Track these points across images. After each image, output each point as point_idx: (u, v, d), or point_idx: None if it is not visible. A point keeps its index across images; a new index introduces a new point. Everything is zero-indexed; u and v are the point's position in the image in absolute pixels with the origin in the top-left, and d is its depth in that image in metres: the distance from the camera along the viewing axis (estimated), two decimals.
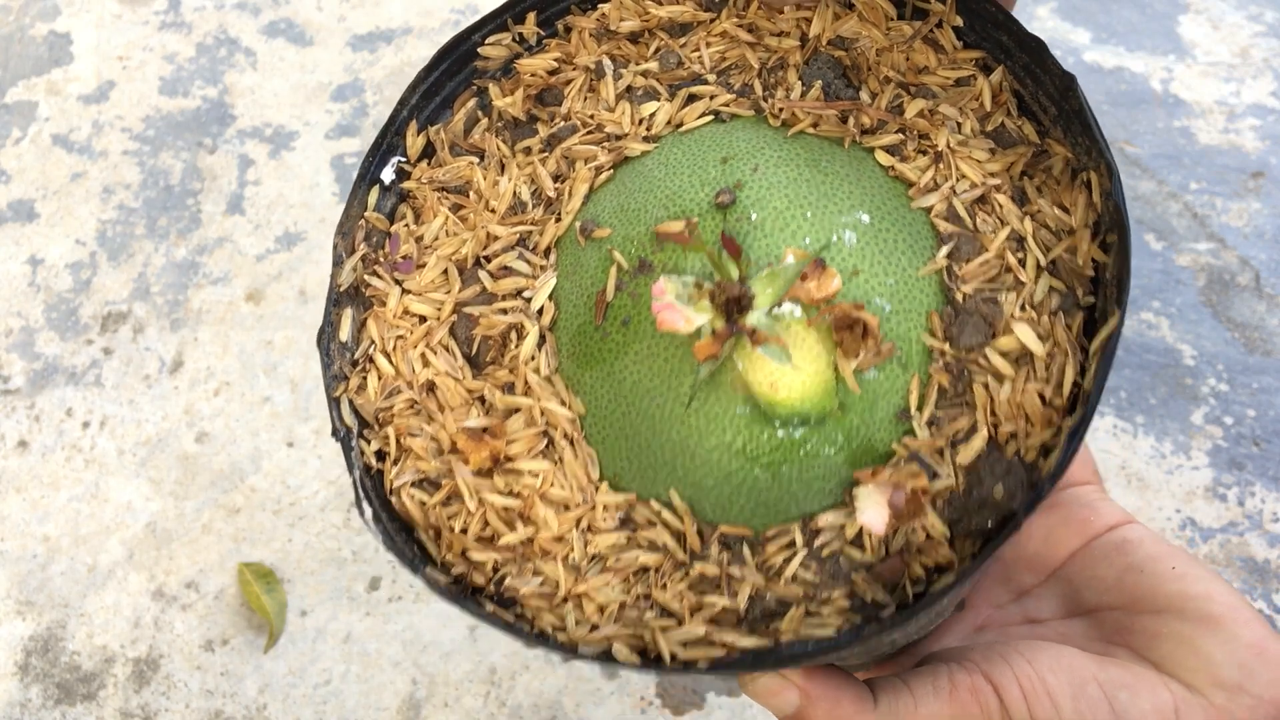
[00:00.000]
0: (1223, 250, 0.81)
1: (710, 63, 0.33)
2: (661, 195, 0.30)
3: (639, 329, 0.29)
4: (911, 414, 0.28)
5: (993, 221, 0.29)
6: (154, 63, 1.01)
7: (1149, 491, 0.70)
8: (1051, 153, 0.29)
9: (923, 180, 0.30)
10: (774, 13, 0.33)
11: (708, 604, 0.27)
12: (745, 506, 0.28)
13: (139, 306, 0.84)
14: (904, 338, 0.28)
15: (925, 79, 0.31)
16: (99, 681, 0.67)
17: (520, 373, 0.31)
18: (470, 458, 0.30)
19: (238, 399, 0.79)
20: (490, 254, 0.33)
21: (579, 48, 0.34)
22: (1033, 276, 0.28)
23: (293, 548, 0.72)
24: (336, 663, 0.67)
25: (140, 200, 0.91)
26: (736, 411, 0.28)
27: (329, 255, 0.86)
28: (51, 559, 0.72)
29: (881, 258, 0.28)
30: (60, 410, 0.79)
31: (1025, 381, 0.27)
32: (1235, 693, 0.30)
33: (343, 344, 0.32)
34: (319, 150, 0.93)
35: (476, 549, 0.29)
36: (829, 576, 0.27)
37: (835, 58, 0.32)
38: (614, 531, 0.29)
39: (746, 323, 0.26)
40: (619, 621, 0.28)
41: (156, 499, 0.74)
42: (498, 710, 0.65)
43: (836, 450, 0.28)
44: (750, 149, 0.30)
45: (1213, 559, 0.68)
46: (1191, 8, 0.98)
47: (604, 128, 0.33)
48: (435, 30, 1.01)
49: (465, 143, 0.34)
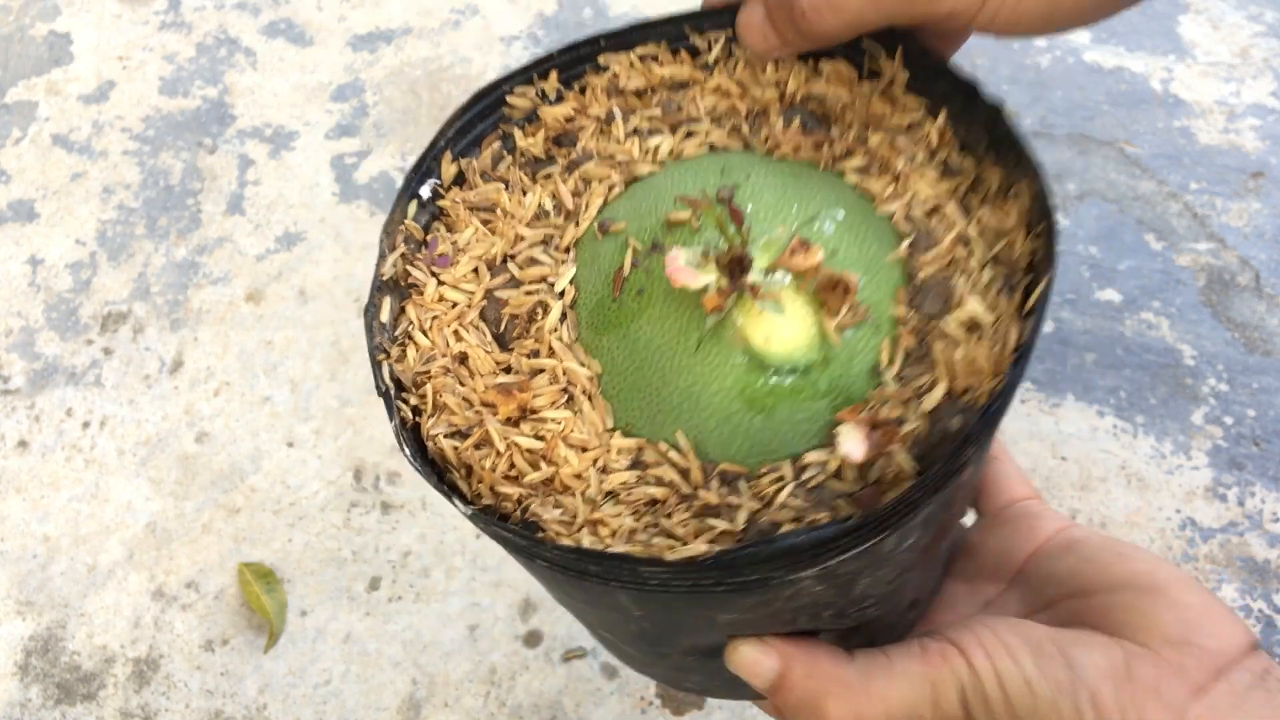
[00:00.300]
0: (1223, 250, 0.81)
1: (704, 111, 0.39)
2: (669, 195, 0.36)
3: (652, 296, 0.34)
4: (883, 370, 0.33)
5: (943, 225, 0.35)
6: (154, 63, 1.01)
7: (1149, 491, 0.70)
8: (986, 178, 0.36)
9: (886, 193, 0.36)
10: (758, 72, 0.39)
11: (708, 527, 0.31)
12: (742, 446, 0.33)
13: (139, 306, 0.84)
14: (878, 307, 0.33)
15: (884, 122, 0.37)
16: (99, 681, 0.67)
17: (545, 340, 0.36)
18: (500, 409, 0.35)
19: (238, 399, 0.79)
20: (517, 251, 0.38)
21: (592, 100, 0.40)
22: (978, 266, 0.34)
23: (293, 548, 0.72)
24: (336, 663, 0.67)
25: (140, 200, 0.91)
26: (736, 361, 0.33)
27: (329, 255, 0.87)
28: (51, 559, 0.72)
29: (856, 243, 0.34)
30: (60, 410, 0.79)
31: (976, 344, 0.32)
32: (1183, 646, 0.33)
33: (383, 324, 0.37)
34: (319, 150, 0.93)
35: (505, 484, 0.34)
36: (814, 502, 0.31)
37: (809, 109, 0.38)
38: (626, 471, 0.34)
39: (748, 282, 0.31)
40: (629, 543, 0.32)
41: (156, 499, 0.74)
42: (498, 710, 0.65)
43: (820, 396, 0.33)
44: (743, 166, 0.36)
45: (1213, 559, 0.68)
46: (1191, 8, 0.98)
47: (615, 157, 0.39)
48: (435, 30, 1.01)
49: (493, 174, 0.40)
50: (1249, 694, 0.33)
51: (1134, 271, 0.80)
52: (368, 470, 0.75)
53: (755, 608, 0.33)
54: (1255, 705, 0.32)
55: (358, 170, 0.92)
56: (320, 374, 0.80)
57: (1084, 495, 0.70)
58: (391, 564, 0.70)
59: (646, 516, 0.32)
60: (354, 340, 0.81)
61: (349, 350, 0.81)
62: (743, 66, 0.39)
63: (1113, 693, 0.32)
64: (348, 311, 0.83)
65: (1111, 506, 0.70)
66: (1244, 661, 0.33)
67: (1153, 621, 0.34)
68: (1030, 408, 0.74)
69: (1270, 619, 0.66)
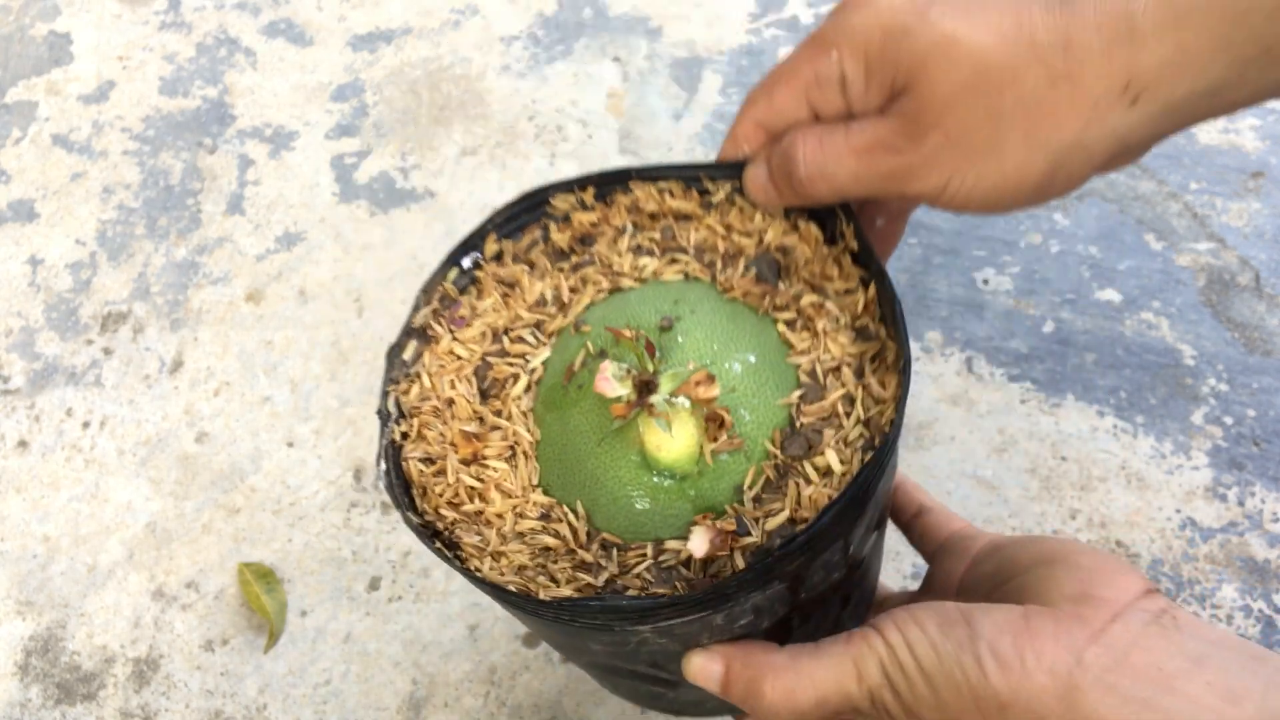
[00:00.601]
0: (1223, 250, 0.81)
1: (693, 243, 0.47)
2: (629, 314, 0.44)
3: (587, 392, 0.42)
4: (744, 491, 0.40)
5: (836, 384, 0.42)
6: (154, 63, 1.01)
7: (1149, 491, 0.70)
8: (887, 348, 0.43)
9: (800, 346, 0.43)
10: (747, 219, 0.47)
11: (578, 578, 0.40)
12: (623, 524, 0.41)
13: (139, 306, 0.84)
14: (753, 440, 0.41)
15: (826, 284, 0.45)
16: (99, 681, 0.67)
17: (508, 405, 0.45)
18: (460, 450, 0.44)
19: (238, 399, 0.79)
20: (514, 328, 0.47)
21: (616, 213, 0.49)
22: (851, 424, 0.41)
23: (293, 548, 0.72)
24: (336, 663, 0.67)
25: (140, 200, 0.91)
26: (631, 458, 0.41)
27: (329, 255, 0.87)
28: (51, 559, 0.72)
29: (754, 385, 0.42)
30: (60, 410, 0.79)
31: (823, 488, 0.39)
32: (1081, 599, 0.36)
33: (403, 361, 0.47)
34: (319, 150, 0.93)
35: (446, 509, 0.43)
36: (660, 579, 0.39)
37: (774, 258, 0.45)
38: (535, 520, 0.42)
39: (650, 401, 0.39)
40: (519, 575, 0.41)
41: (156, 499, 0.75)
42: (498, 710, 0.65)
43: (689, 500, 0.40)
44: (696, 299, 0.44)
45: (1213, 559, 0.68)
46: None
47: (612, 267, 0.47)
48: (435, 30, 1.01)
49: (524, 256, 0.49)
50: (1144, 630, 0.35)
51: (1134, 271, 0.80)
52: (368, 470, 0.75)
53: (613, 645, 0.41)
54: (1150, 640, 0.34)
55: (358, 170, 0.92)
56: (320, 374, 0.80)
57: (1084, 495, 0.71)
58: (391, 564, 0.70)
59: (539, 559, 0.41)
60: (354, 340, 0.81)
61: (349, 350, 0.81)
62: (737, 211, 0.47)
63: (1011, 643, 0.35)
64: (348, 311, 0.83)
65: (1111, 506, 0.70)
66: (1139, 604, 0.36)
67: (1054, 585, 0.37)
68: (1030, 408, 0.74)
69: (1270, 619, 0.66)
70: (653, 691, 0.47)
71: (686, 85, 0.96)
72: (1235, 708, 0.32)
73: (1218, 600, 0.66)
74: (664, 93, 0.95)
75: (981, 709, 0.35)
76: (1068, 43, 0.36)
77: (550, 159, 0.91)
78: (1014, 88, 0.37)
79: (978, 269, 0.83)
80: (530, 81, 0.97)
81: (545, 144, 0.92)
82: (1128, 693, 0.33)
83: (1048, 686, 0.34)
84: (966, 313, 0.80)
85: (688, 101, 0.95)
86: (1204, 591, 0.67)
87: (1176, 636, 0.34)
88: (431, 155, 0.92)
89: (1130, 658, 0.34)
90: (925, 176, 0.40)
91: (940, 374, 0.76)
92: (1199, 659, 0.34)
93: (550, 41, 1.00)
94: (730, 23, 1.00)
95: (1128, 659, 0.34)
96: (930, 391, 0.76)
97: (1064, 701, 0.34)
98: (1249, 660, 0.33)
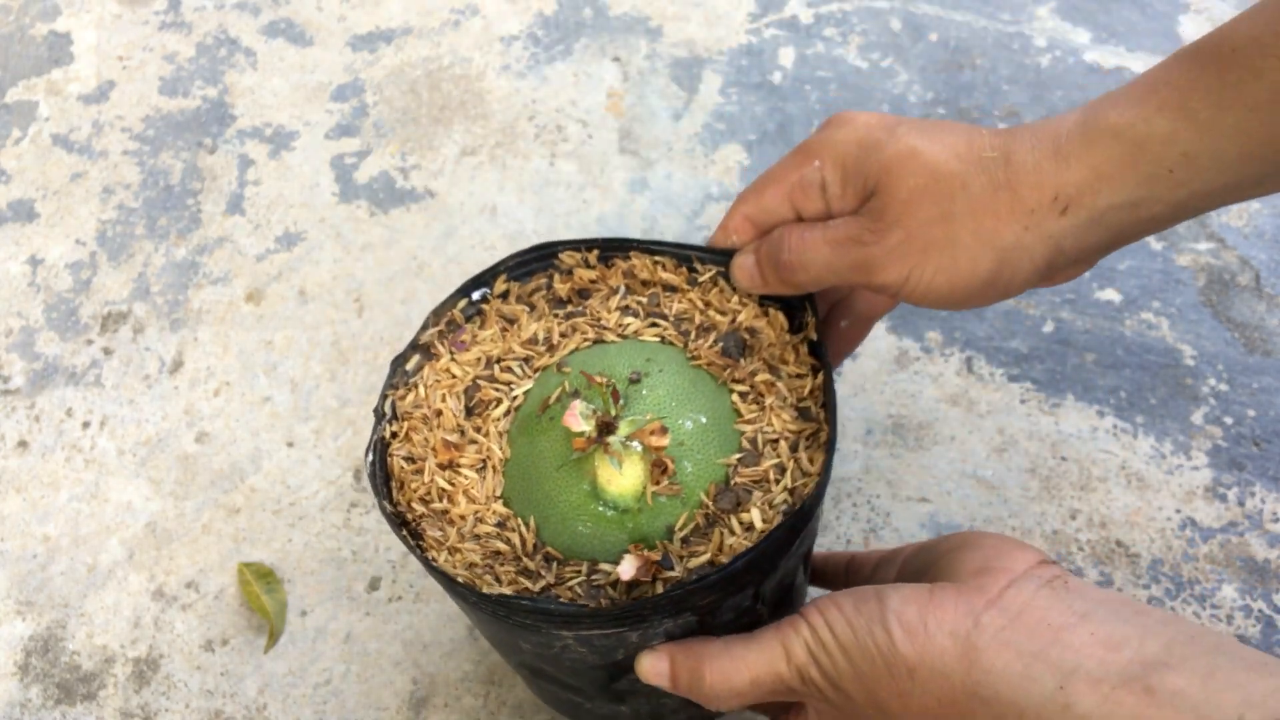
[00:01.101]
0: (1223, 250, 0.81)
1: (674, 312, 0.53)
2: (606, 364, 0.49)
3: (556, 423, 0.47)
4: (675, 531, 0.46)
5: (773, 454, 0.48)
6: (154, 63, 1.01)
7: (1149, 491, 0.70)
8: (822, 430, 0.49)
9: (748, 416, 0.49)
10: (726, 299, 0.53)
11: (519, 581, 0.46)
12: (566, 542, 0.47)
13: (139, 306, 0.84)
14: (691, 490, 0.47)
15: (782, 367, 0.51)
16: (99, 681, 0.67)
17: (487, 424, 0.51)
18: (440, 455, 0.50)
19: (238, 399, 0.79)
20: (505, 359, 0.53)
21: (613, 275, 0.55)
22: (778, 490, 0.47)
23: (293, 548, 0.72)
24: (336, 663, 0.67)
25: (140, 200, 0.91)
26: (584, 487, 0.46)
27: (329, 255, 0.87)
28: (51, 559, 0.72)
29: (701, 443, 0.47)
30: (60, 410, 0.79)
31: (743, 539, 0.45)
32: (981, 573, 0.40)
33: (405, 371, 0.53)
34: (319, 150, 0.93)
35: (418, 503, 0.49)
36: (590, 594, 0.45)
37: (742, 336, 0.52)
38: (492, 526, 0.48)
39: (608, 440, 0.44)
40: (469, 571, 0.46)
41: (156, 499, 0.75)
42: (498, 710, 0.65)
43: (626, 531, 0.46)
44: (666, 360, 0.50)
45: (1213, 559, 0.68)
46: (1191, 8, 0.98)
47: (600, 320, 0.54)
48: (435, 30, 1.01)
49: (527, 298, 0.56)
50: (1036, 593, 0.39)
51: (1134, 271, 0.80)
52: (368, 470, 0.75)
53: (540, 646, 0.46)
54: (1041, 600, 0.38)
55: (358, 170, 0.92)
56: (320, 374, 0.80)
57: (1084, 495, 0.71)
58: (391, 564, 0.70)
59: (489, 560, 0.47)
60: (354, 340, 0.81)
61: (349, 350, 0.81)
62: (718, 291, 0.54)
63: (916, 612, 0.39)
64: (348, 312, 0.83)
65: (1111, 506, 0.70)
66: (1033, 571, 0.40)
67: (959, 564, 0.42)
68: (1030, 408, 0.74)
69: (1270, 619, 0.66)
70: (573, 700, 0.53)
71: (686, 85, 0.96)
72: (1115, 653, 0.36)
73: (1218, 600, 0.66)
74: (664, 93, 0.95)
75: (893, 674, 0.39)
76: (1008, 158, 0.43)
77: (550, 159, 0.91)
78: (963, 193, 0.43)
79: None
80: (530, 81, 0.97)
81: (545, 144, 0.92)
82: (1020, 647, 0.37)
83: (949, 648, 0.38)
84: (966, 312, 0.80)
85: (688, 101, 0.95)
86: (1204, 592, 0.67)
87: (1065, 596, 0.38)
88: (431, 155, 0.92)
89: (1022, 617, 0.38)
90: (889, 267, 0.45)
91: (940, 374, 0.76)
92: (1084, 614, 0.37)
93: (550, 41, 1.00)
94: (730, 23, 1.00)
95: (1020, 618, 0.38)
96: (930, 391, 0.76)
97: (964, 660, 0.37)
98: (1130, 613, 0.37)
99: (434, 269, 0.85)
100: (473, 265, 0.85)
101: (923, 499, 0.71)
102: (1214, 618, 0.66)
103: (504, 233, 0.87)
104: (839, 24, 1.00)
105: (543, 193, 0.89)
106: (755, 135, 0.92)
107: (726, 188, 0.89)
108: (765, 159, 0.91)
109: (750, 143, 0.92)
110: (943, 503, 0.71)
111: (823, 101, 0.94)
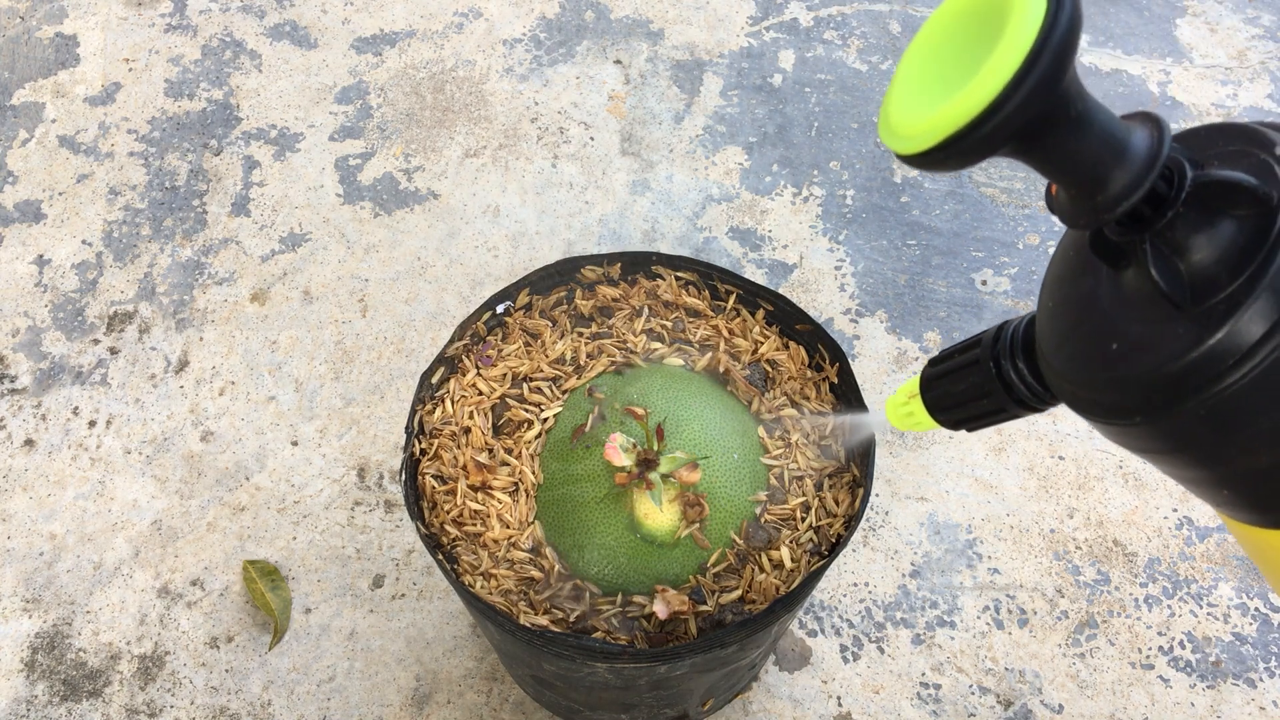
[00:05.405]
0: None
1: (698, 338, 0.55)
2: (643, 390, 0.50)
3: (593, 454, 0.48)
4: (708, 568, 0.47)
5: (799, 491, 0.50)
6: (160, 65, 1.02)
7: (1146, 490, 0.71)
8: (849, 471, 0.51)
9: (775, 451, 0.51)
10: (750, 329, 0.55)
11: (554, 611, 0.46)
12: (600, 572, 0.48)
13: (145, 306, 0.85)
14: (723, 526, 0.48)
15: (804, 403, 0.53)
16: (105, 678, 0.68)
17: (520, 445, 0.51)
18: (471, 476, 0.50)
19: (242, 398, 0.79)
20: (534, 378, 0.53)
21: (636, 294, 0.56)
22: (804, 529, 0.48)
23: (297, 545, 0.72)
24: (340, 659, 0.67)
25: (146, 201, 0.92)
26: (621, 520, 0.47)
27: (333, 256, 0.87)
28: (58, 557, 0.73)
29: (733, 480, 0.49)
30: (67, 409, 0.80)
31: (773, 577, 0.47)
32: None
33: (431, 384, 0.53)
34: (323, 152, 0.94)
35: (450, 525, 0.49)
36: (624, 626, 0.46)
37: (764, 368, 0.53)
38: (525, 552, 0.49)
39: (649, 476, 0.45)
40: (505, 598, 0.47)
41: (162, 497, 0.75)
42: (500, 706, 0.65)
43: (662, 566, 0.47)
44: (697, 392, 0.51)
45: (1209, 557, 0.68)
46: (1189, 11, 0.99)
47: (626, 344, 0.54)
48: (438, 33, 1.02)
49: (549, 312, 0.56)
50: None
51: None
52: (371, 469, 0.75)
53: (565, 669, 0.47)
54: None
55: (361, 172, 0.92)
56: (324, 373, 0.80)
57: (1081, 494, 0.71)
58: (395, 561, 0.71)
59: (523, 586, 0.47)
60: (358, 340, 0.82)
61: (353, 350, 0.81)
62: (740, 321, 0.55)
63: None
64: (351, 312, 0.84)
65: (1109, 505, 0.70)
66: None
67: None
68: None
69: (1266, 617, 0.66)
70: (572, 706, 0.55)
71: (687, 88, 0.97)
72: None
73: (1214, 599, 0.67)
74: (665, 95, 0.96)
75: None
76: None
77: (553, 160, 0.92)
78: None
79: (976, 270, 0.83)
80: (532, 84, 0.98)
81: (547, 145, 0.93)
82: None
83: None
84: (965, 313, 0.80)
85: (689, 104, 0.95)
86: (1201, 590, 0.67)
87: None
88: (435, 157, 0.93)
89: None
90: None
91: None
92: None
93: (552, 44, 1.01)
94: (731, 26, 1.01)
95: None
96: None
97: None
98: None
99: (437, 270, 0.86)
100: (476, 266, 0.86)
101: (921, 498, 0.72)
102: (1211, 616, 0.67)
103: (506, 233, 0.87)
104: (839, 27, 1.00)
105: (545, 194, 0.90)
106: (755, 137, 0.93)
107: (727, 189, 0.89)
108: (765, 161, 0.91)
109: (751, 145, 0.92)
110: (941, 501, 0.72)
111: (822, 104, 0.95)
